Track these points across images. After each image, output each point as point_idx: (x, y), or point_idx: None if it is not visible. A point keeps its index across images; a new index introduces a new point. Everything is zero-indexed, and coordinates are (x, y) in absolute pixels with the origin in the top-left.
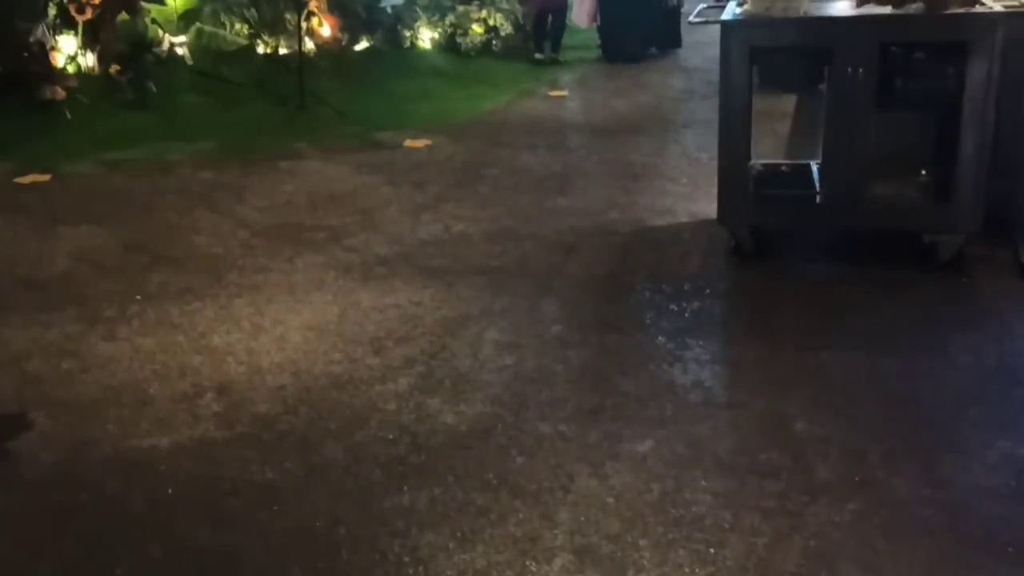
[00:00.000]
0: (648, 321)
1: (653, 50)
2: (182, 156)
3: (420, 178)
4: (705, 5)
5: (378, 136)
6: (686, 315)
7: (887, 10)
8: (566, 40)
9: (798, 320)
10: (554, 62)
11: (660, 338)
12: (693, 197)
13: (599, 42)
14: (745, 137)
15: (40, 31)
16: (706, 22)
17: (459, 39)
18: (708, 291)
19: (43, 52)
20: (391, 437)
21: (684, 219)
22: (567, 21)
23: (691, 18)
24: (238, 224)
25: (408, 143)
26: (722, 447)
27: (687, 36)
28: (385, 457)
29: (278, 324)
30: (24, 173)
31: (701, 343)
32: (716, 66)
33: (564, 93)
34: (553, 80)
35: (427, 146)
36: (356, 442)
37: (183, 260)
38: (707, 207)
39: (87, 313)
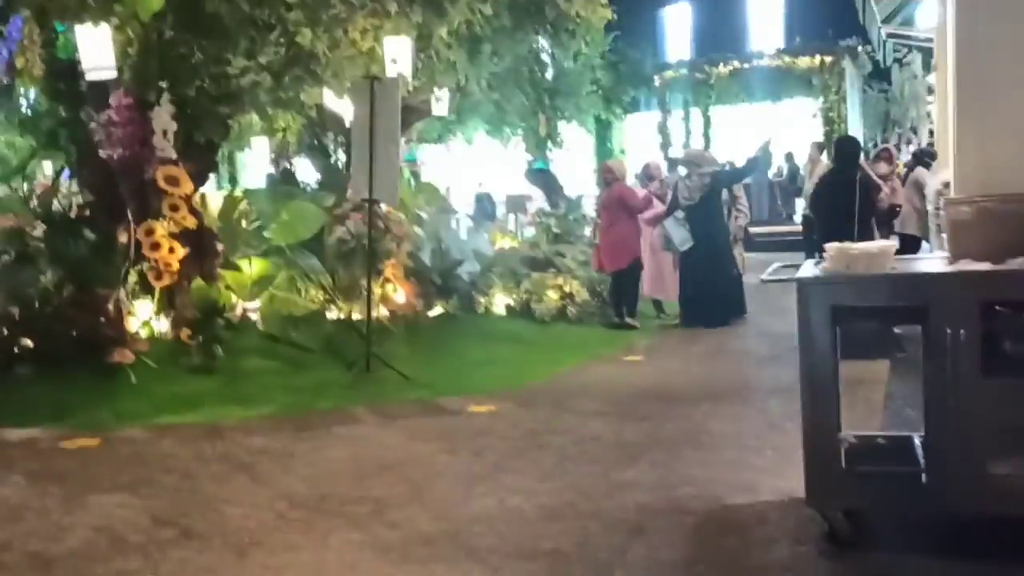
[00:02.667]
0: None
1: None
2: (237, 421)
3: (479, 446)
4: (780, 264)
5: (441, 401)
6: None
7: (986, 266)
8: (645, 308)
9: None
10: (629, 327)
11: None
12: (779, 472)
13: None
14: (832, 406)
15: (119, 297)
16: (779, 280)
17: (534, 305)
18: None
19: (118, 317)
20: None
21: (769, 497)
22: (639, 289)
23: (764, 276)
24: (277, 495)
25: (472, 408)
26: None
27: (772, 301)
28: None
29: None
30: (73, 437)
31: None
32: None
33: (639, 358)
34: (628, 345)
35: (491, 412)
36: None
37: (211, 535)
38: (796, 484)
39: None
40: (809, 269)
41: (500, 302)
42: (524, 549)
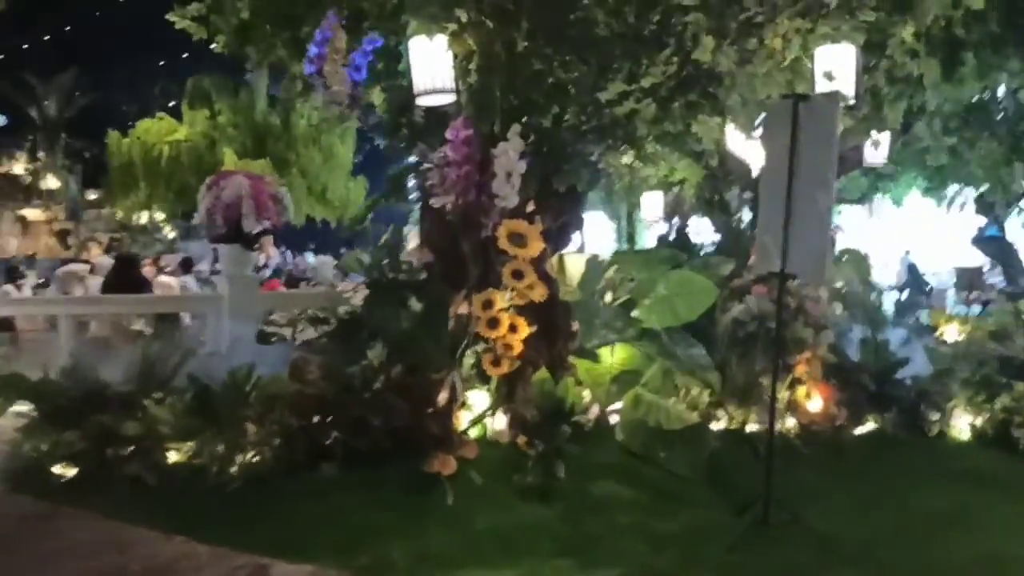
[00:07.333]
0: None
1: None
2: None
3: None
4: None
5: None
6: None
7: None
8: None
9: None
10: None
11: None
12: None
13: None
14: None
15: (452, 383)
16: None
17: (1016, 431)
18: None
19: (448, 410)
20: None
21: None
22: None
23: None
24: None
25: None
26: None
27: None
28: None
29: None
30: None
31: None
32: None
33: None
34: None
35: None
36: None
37: None
38: None
39: None
40: None
41: (962, 423)
42: None
